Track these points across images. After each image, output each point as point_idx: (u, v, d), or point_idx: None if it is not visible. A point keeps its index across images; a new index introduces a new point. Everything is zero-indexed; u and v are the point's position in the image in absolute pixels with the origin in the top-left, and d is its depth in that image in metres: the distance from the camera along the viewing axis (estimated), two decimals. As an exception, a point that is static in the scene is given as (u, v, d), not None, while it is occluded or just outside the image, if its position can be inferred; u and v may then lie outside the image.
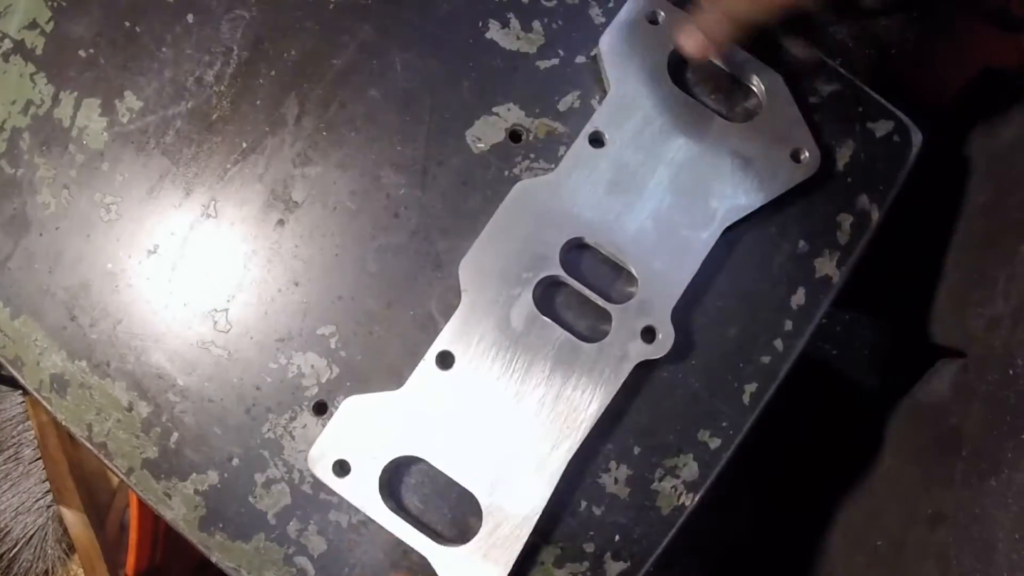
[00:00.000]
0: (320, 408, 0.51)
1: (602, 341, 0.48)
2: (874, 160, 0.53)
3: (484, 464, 0.48)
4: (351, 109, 0.53)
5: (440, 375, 0.49)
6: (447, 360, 0.49)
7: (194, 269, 0.52)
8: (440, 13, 0.54)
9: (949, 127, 0.64)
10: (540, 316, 0.49)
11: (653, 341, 0.48)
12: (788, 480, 0.79)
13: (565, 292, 0.51)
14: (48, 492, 1.02)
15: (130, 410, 0.51)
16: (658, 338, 0.48)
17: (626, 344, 0.48)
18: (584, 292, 0.49)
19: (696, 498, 0.49)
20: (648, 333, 0.48)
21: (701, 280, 0.50)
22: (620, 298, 0.50)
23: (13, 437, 1.04)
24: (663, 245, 0.50)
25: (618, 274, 0.51)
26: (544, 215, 0.50)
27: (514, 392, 0.48)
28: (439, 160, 0.53)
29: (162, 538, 0.89)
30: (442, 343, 0.49)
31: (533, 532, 0.47)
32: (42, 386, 0.52)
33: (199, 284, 0.52)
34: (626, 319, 0.49)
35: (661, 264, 0.49)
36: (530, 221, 0.50)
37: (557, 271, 0.49)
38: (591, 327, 0.50)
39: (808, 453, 0.76)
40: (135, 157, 0.53)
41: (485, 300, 0.49)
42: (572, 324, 0.50)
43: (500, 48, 0.54)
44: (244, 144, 0.53)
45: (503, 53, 0.54)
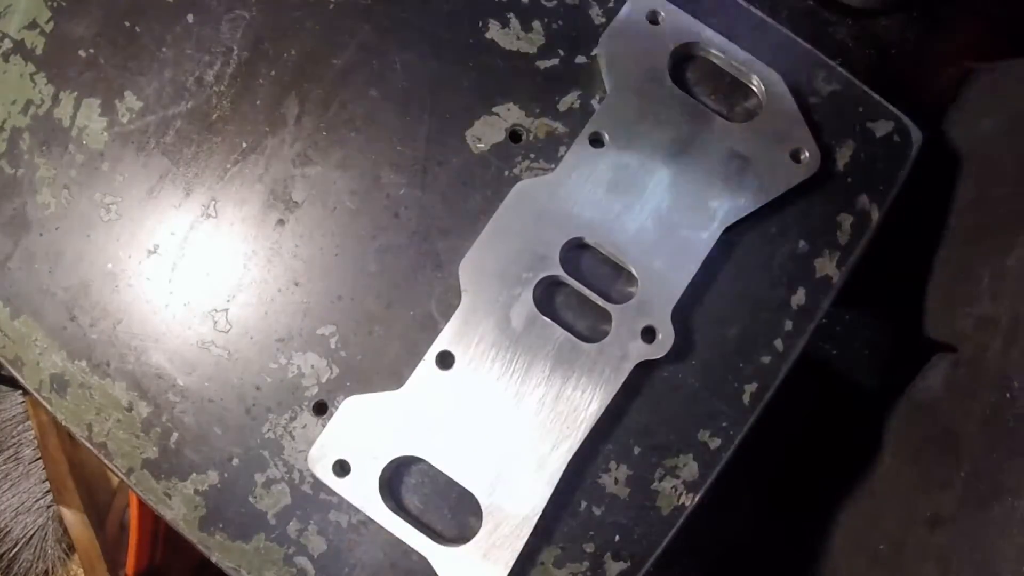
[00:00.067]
0: (320, 408, 0.51)
1: (602, 341, 0.48)
2: (874, 160, 0.53)
3: (484, 464, 0.48)
4: (351, 109, 0.53)
5: (440, 375, 0.49)
6: (447, 360, 0.49)
7: (194, 269, 0.52)
8: (440, 13, 0.54)
9: (934, 123, 0.63)
10: (540, 316, 0.49)
11: (653, 341, 0.48)
12: (788, 480, 0.79)
13: (565, 292, 0.51)
14: (48, 492, 1.02)
15: (130, 410, 0.51)
16: (658, 338, 0.48)
17: (626, 344, 0.48)
18: (584, 292, 0.49)
19: (696, 498, 0.49)
20: (648, 333, 0.48)
21: (701, 280, 0.50)
22: (620, 298, 0.50)
23: (13, 437, 1.04)
24: (663, 245, 0.50)
25: (618, 274, 0.51)
26: (544, 215, 0.50)
27: (514, 392, 0.48)
28: (439, 160, 0.53)
29: (162, 538, 0.89)
30: (442, 343, 0.49)
31: (533, 532, 0.47)
32: (42, 386, 0.52)
33: (199, 284, 0.52)
34: (626, 319, 0.49)
35: (661, 264, 0.49)
36: (530, 221, 0.50)
37: (557, 271, 0.49)
38: (591, 327, 0.50)
39: (808, 453, 0.76)
40: (135, 157, 0.53)
41: (485, 300, 0.49)
42: (572, 324, 0.50)
43: (500, 48, 0.54)
44: (244, 144, 0.53)
45: (503, 53, 0.54)
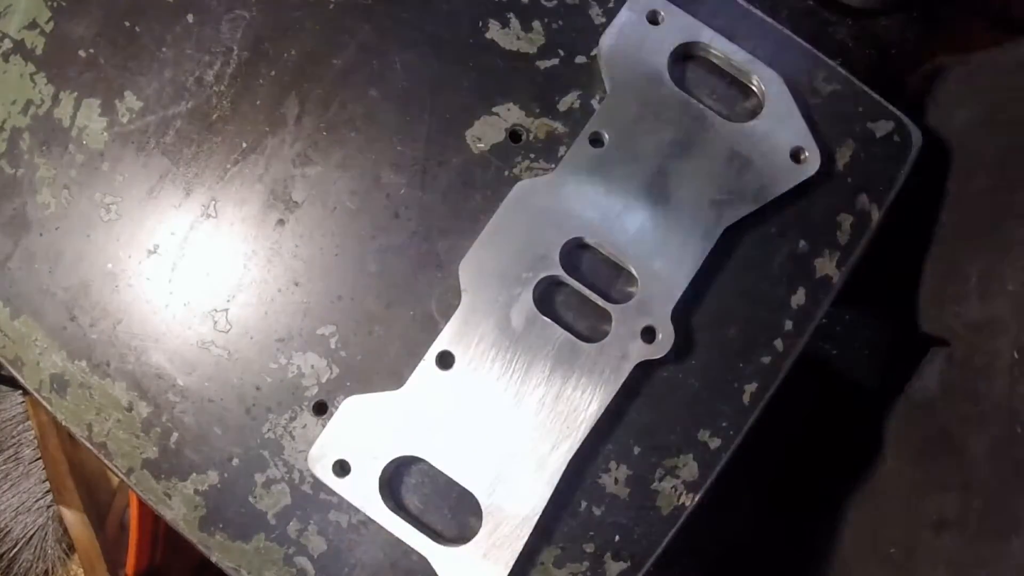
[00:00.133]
0: (320, 408, 0.51)
1: (602, 341, 0.48)
2: (874, 160, 0.53)
3: (484, 464, 0.48)
4: (351, 109, 0.53)
5: (440, 375, 0.49)
6: (447, 360, 0.49)
7: (194, 269, 0.52)
8: (440, 13, 0.54)
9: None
10: (540, 316, 0.49)
11: (653, 341, 0.48)
12: (788, 480, 0.79)
13: (565, 292, 0.51)
14: (48, 492, 1.02)
15: (130, 410, 0.51)
16: (658, 338, 0.48)
17: (626, 344, 0.48)
18: (584, 292, 0.49)
19: (696, 498, 0.49)
20: (648, 333, 0.48)
21: (701, 280, 0.50)
22: (620, 298, 0.50)
23: (13, 437, 1.04)
24: (663, 245, 0.50)
25: (618, 274, 0.51)
26: (544, 215, 0.50)
27: (514, 392, 0.48)
28: (439, 160, 0.53)
29: (162, 538, 0.89)
30: (442, 343, 0.49)
31: (533, 532, 0.47)
32: (42, 386, 0.52)
33: (199, 284, 0.52)
34: (626, 319, 0.49)
35: (661, 264, 0.49)
36: (530, 221, 0.50)
37: (557, 271, 0.49)
38: (591, 327, 0.50)
39: (808, 453, 0.76)
40: (135, 157, 0.53)
41: (485, 300, 0.49)
42: (572, 324, 0.50)
43: (500, 48, 0.54)
44: (244, 144, 0.53)
45: (503, 53, 0.54)
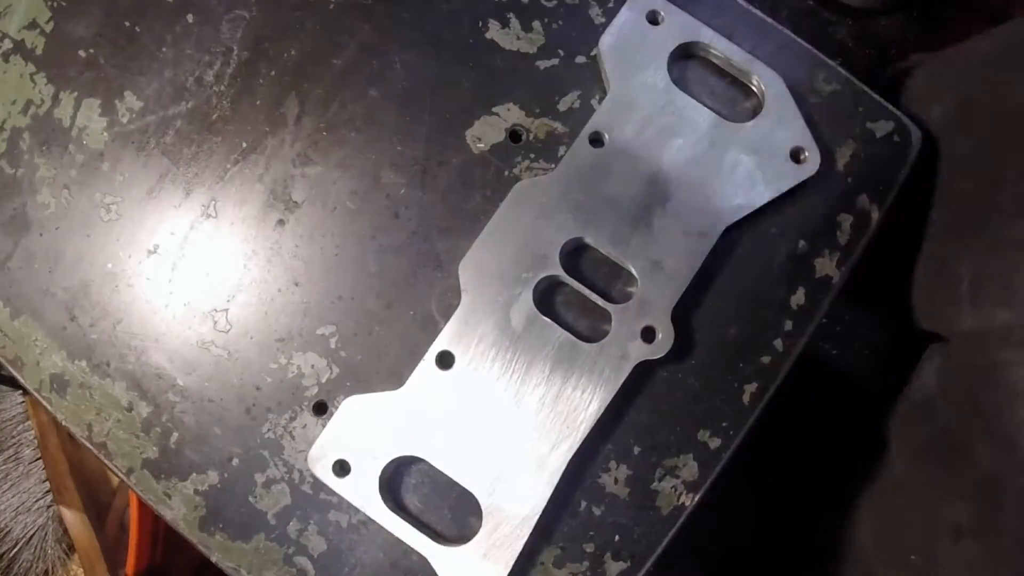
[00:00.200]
0: (320, 408, 0.51)
1: (602, 341, 0.48)
2: (874, 160, 0.53)
3: (484, 464, 0.48)
4: (351, 109, 0.53)
5: (440, 375, 0.49)
6: (447, 360, 0.49)
7: (194, 269, 0.52)
8: (440, 13, 0.54)
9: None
10: (540, 316, 0.49)
11: (653, 341, 0.48)
12: (788, 480, 0.79)
13: (565, 292, 0.51)
14: (48, 492, 1.02)
15: (130, 410, 0.51)
16: (658, 338, 0.48)
17: (626, 344, 0.48)
18: (584, 292, 0.49)
19: (696, 498, 0.49)
20: (648, 333, 0.48)
21: (701, 280, 0.50)
22: (620, 298, 0.50)
23: (13, 437, 1.04)
24: (663, 245, 0.50)
25: (618, 274, 0.51)
26: (544, 215, 0.50)
27: (514, 392, 0.48)
28: (439, 160, 0.53)
29: (162, 538, 0.89)
30: (442, 343, 0.49)
31: (533, 532, 0.47)
32: (42, 386, 0.52)
33: (199, 284, 0.52)
34: (626, 319, 0.49)
35: (661, 264, 0.49)
36: (530, 221, 0.50)
37: (557, 271, 0.49)
38: (591, 327, 0.50)
39: (808, 453, 0.76)
40: (135, 157, 0.53)
41: (485, 300, 0.49)
42: (572, 324, 0.50)
43: (500, 48, 0.54)
44: (244, 144, 0.53)
45: (503, 53, 0.54)
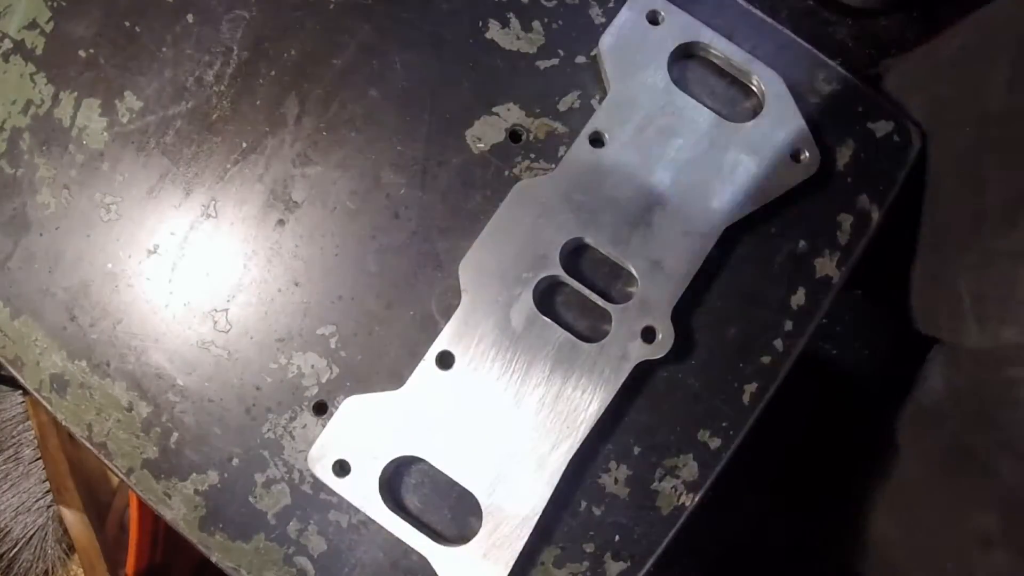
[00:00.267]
0: (320, 408, 0.51)
1: (602, 341, 0.48)
2: (874, 160, 0.53)
3: (484, 464, 0.48)
4: (351, 109, 0.53)
5: (440, 375, 0.49)
6: (447, 360, 0.49)
7: (194, 269, 0.52)
8: (440, 13, 0.54)
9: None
10: (540, 316, 0.49)
11: (653, 341, 0.48)
12: (788, 480, 0.79)
13: (565, 292, 0.51)
14: (48, 492, 1.02)
15: (130, 410, 0.51)
16: (658, 338, 0.48)
17: (626, 344, 0.48)
18: (584, 292, 0.49)
19: (696, 498, 0.49)
20: (648, 333, 0.48)
21: (701, 280, 0.50)
22: (620, 298, 0.50)
23: (13, 437, 1.04)
24: (663, 245, 0.50)
25: (618, 274, 0.51)
26: (544, 215, 0.50)
27: (514, 392, 0.48)
28: (439, 160, 0.53)
29: (162, 538, 0.89)
30: (442, 343, 0.49)
31: (533, 532, 0.47)
32: (42, 386, 0.52)
33: (199, 284, 0.52)
34: (626, 319, 0.49)
35: (661, 264, 0.49)
36: (530, 221, 0.50)
37: (557, 271, 0.49)
38: (591, 327, 0.50)
39: (808, 453, 0.76)
40: (135, 157, 0.53)
41: (485, 300, 0.49)
42: (572, 324, 0.50)
43: (500, 48, 0.54)
44: (244, 144, 0.53)
45: (503, 53, 0.54)
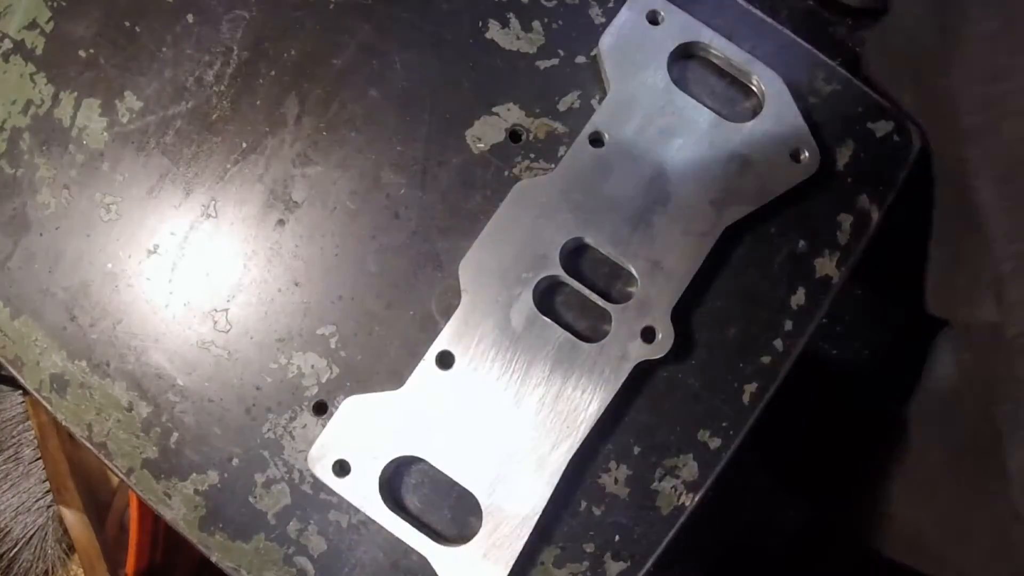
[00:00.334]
0: (320, 408, 0.51)
1: (602, 341, 0.48)
2: (874, 160, 0.53)
3: (484, 464, 0.48)
4: (351, 109, 0.53)
5: (440, 375, 0.49)
6: (447, 360, 0.49)
7: (194, 269, 0.52)
8: (440, 13, 0.54)
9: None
10: (540, 316, 0.49)
11: (653, 341, 0.48)
12: (788, 480, 0.79)
13: (565, 292, 0.51)
14: (48, 492, 1.02)
15: (130, 410, 0.51)
16: (658, 338, 0.48)
17: (626, 344, 0.48)
18: (584, 292, 0.49)
19: (696, 498, 0.49)
20: (648, 333, 0.48)
21: (701, 280, 0.50)
22: (620, 298, 0.50)
23: (13, 437, 1.04)
24: (663, 245, 0.50)
25: (618, 274, 0.51)
26: (544, 215, 0.50)
27: (514, 392, 0.48)
28: (439, 160, 0.53)
29: (162, 538, 0.89)
30: (442, 343, 0.49)
31: (533, 532, 0.47)
32: (42, 386, 0.52)
33: (199, 284, 0.52)
34: (626, 319, 0.49)
35: (661, 264, 0.49)
36: (530, 221, 0.50)
37: (557, 271, 0.49)
38: (591, 327, 0.50)
39: (808, 453, 0.76)
40: (135, 157, 0.53)
41: (485, 300, 0.49)
42: (572, 324, 0.50)
43: (500, 48, 0.54)
44: (244, 144, 0.53)
45: (503, 53, 0.54)
